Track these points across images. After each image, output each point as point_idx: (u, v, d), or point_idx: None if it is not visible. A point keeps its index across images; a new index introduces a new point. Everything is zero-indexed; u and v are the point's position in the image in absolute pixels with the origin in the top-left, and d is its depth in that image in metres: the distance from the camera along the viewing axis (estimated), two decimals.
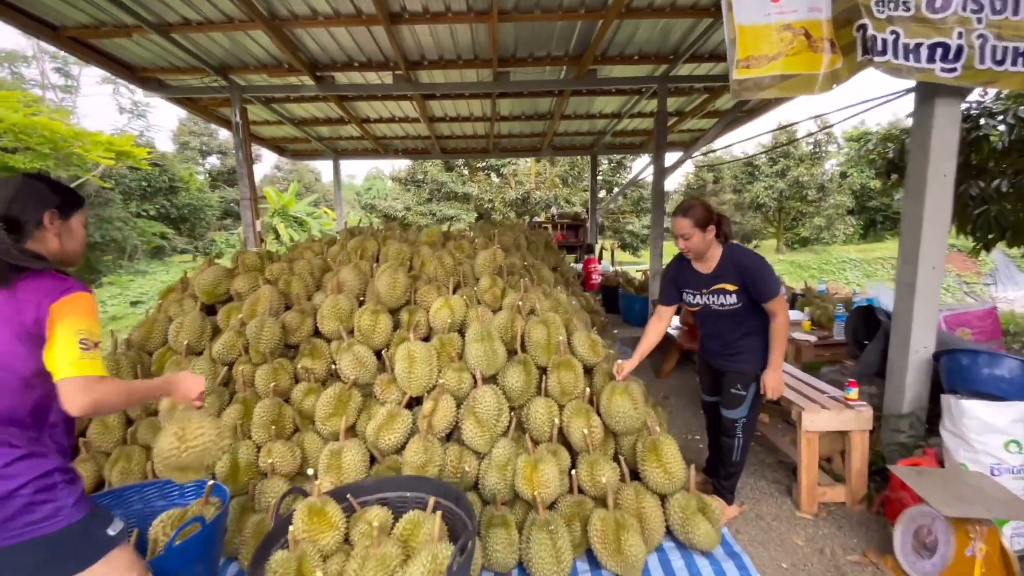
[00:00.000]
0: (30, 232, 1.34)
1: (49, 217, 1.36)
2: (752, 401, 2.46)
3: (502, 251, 3.36)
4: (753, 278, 2.34)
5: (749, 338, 2.45)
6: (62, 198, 1.40)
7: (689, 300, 2.57)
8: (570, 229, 10.54)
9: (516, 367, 2.53)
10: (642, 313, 7.24)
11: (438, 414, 2.38)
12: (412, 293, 2.99)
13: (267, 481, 2.32)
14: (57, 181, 1.43)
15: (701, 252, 2.42)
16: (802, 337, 4.17)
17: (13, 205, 1.32)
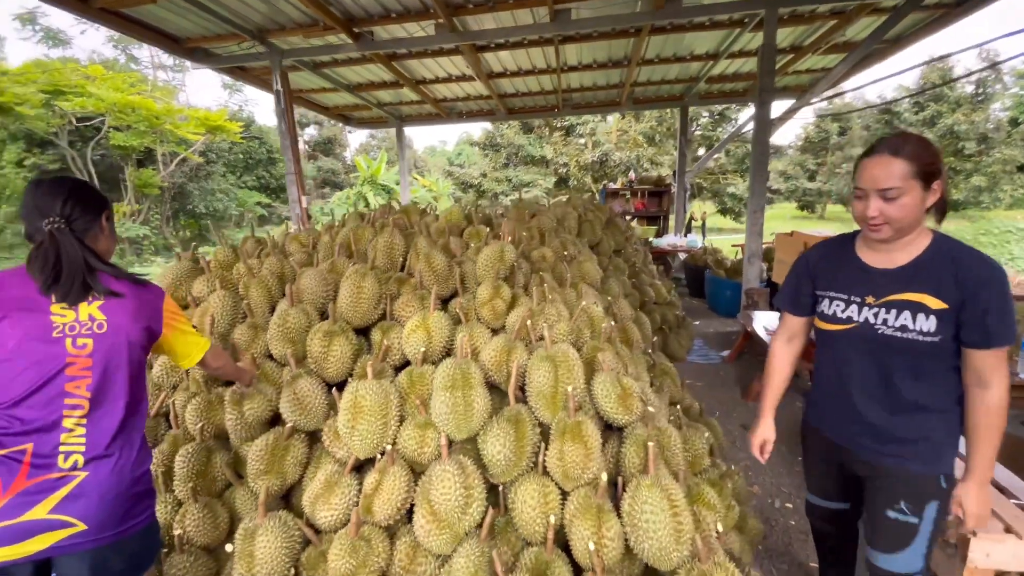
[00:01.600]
0: (89, 234, 1.33)
1: (106, 217, 1.39)
2: (932, 536, 1.46)
3: (514, 245, 2.51)
4: (987, 300, 1.32)
5: (937, 409, 1.43)
6: (105, 199, 1.40)
7: (835, 313, 1.58)
8: (652, 196, 9.19)
9: (503, 427, 1.74)
10: (732, 302, 5.98)
11: (383, 495, 1.68)
12: (388, 305, 2.29)
13: (176, 555, 1.80)
14: (93, 184, 1.45)
15: (905, 227, 1.41)
16: None
17: (76, 207, 1.29)
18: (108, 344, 1.28)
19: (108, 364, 1.28)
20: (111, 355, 1.29)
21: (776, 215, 25.93)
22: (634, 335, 2.77)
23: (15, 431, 1.17)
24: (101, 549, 1.24)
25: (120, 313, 1.31)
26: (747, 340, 4.53)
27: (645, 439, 1.76)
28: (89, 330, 1.26)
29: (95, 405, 1.27)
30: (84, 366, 1.25)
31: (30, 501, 1.16)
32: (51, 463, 1.19)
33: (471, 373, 1.81)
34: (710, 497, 1.85)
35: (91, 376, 1.26)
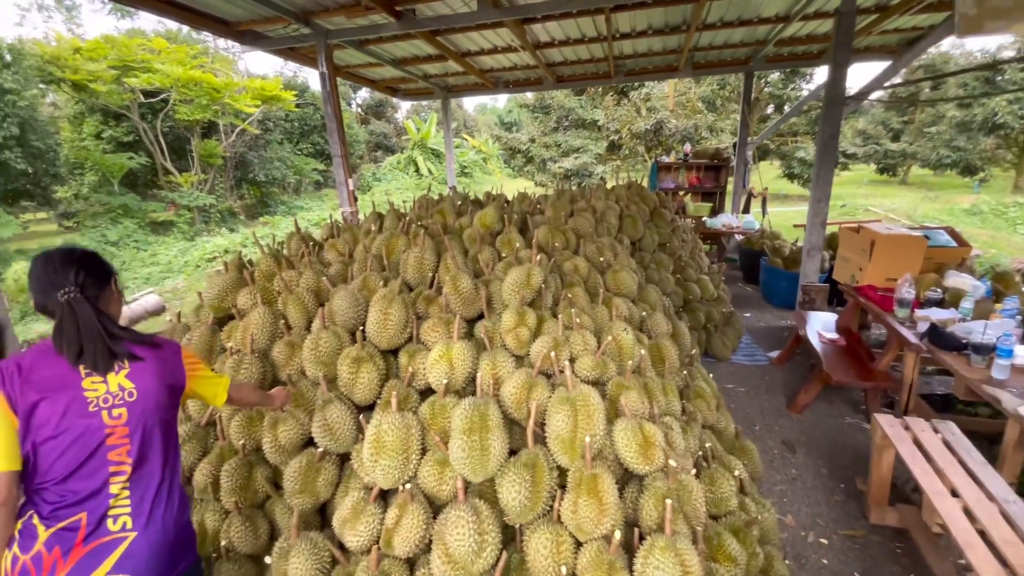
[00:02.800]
0: (101, 300, 1.38)
1: (114, 282, 1.44)
2: None
3: (539, 268, 2.44)
4: None
5: None
6: (110, 266, 1.46)
7: None
8: (708, 171, 8.63)
9: (519, 472, 1.75)
10: (788, 294, 5.63)
11: (402, 532, 1.76)
12: (415, 328, 2.32)
13: (223, 563, 1.99)
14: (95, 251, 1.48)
15: None
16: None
17: (88, 276, 1.34)
18: (140, 410, 1.35)
19: (143, 429, 1.36)
20: (144, 420, 1.36)
21: (850, 180, 23.81)
22: (669, 354, 2.67)
23: (68, 503, 1.28)
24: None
25: (146, 378, 1.37)
26: (798, 342, 4.28)
27: (664, 494, 1.72)
28: (121, 400, 1.33)
29: (136, 468, 1.35)
30: (122, 435, 1.32)
31: (91, 565, 1.26)
32: (103, 528, 1.29)
33: (489, 415, 1.82)
34: (731, 548, 1.81)
35: (129, 443, 1.33)
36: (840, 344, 3.72)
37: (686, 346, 3.21)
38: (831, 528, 2.53)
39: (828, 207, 4.86)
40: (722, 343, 4.50)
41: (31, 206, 13.83)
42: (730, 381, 4.15)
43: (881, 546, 2.40)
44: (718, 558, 1.79)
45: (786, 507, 2.70)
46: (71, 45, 10.88)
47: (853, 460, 3.06)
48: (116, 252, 11.49)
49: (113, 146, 13.89)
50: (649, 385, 2.25)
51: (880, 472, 2.49)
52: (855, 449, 3.16)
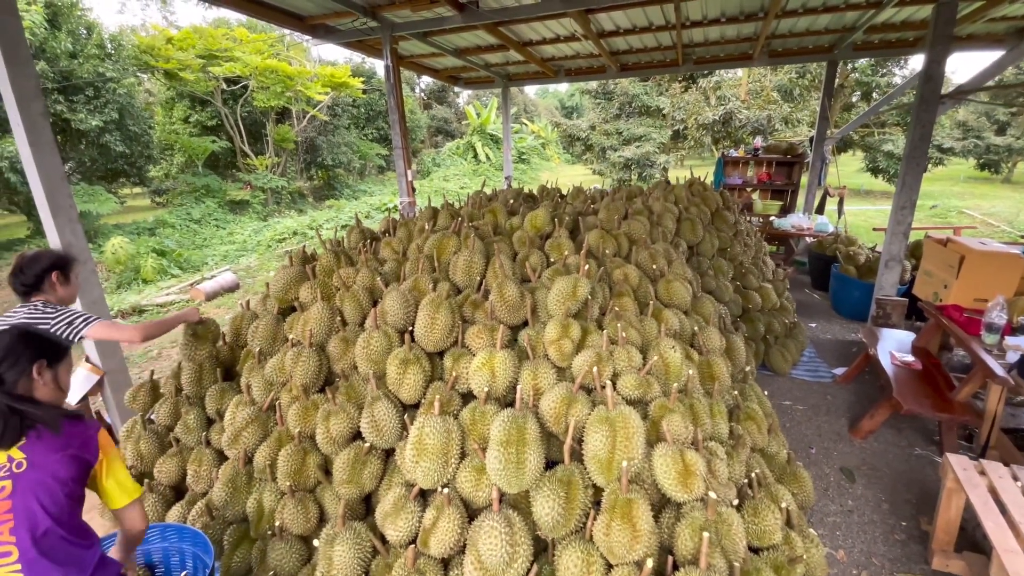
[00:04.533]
0: (19, 385, 1.36)
1: (38, 369, 1.40)
2: None
3: (586, 280, 2.40)
4: None
5: None
6: (52, 350, 1.45)
7: None
8: (780, 167, 8.09)
9: (553, 487, 1.77)
10: (860, 305, 5.24)
11: (438, 533, 1.83)
12: (460, 332, 2.37)
13: (274, 541, 2.16)
14: (38, 332, 1.48)
15: None
16: None
17: (3, 362, 1.34)
18: (28, 483, 1.24)
19: (29, 505, 1.23)
20: (33, 494, 1.24)
21: (945, 176, 21.57)
22: (719, 372, 2.58)
23: None
24: None
25: (41, 450, 1.27)
26: (867, 361, 3.99)
27: (701, 526, 1.68)
28: (8, 472, 1.23)
29: (25, 550, 1.22)
30: (3, 509, 1.21)
31: None
32: None
33: (527, 429, 1.84)
34: None
35: (12, 519, 1.21)
36: (915, 368, 3.43)
37: (740, 362, 3.08)
38: (887, 569, 2.37)
39: (912, 216, 4.45)
40: (782, 356, 4.28)
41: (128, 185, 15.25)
42: (788, 398, 3.94)
43: None
44: None
45: (838, 541, 2.55)
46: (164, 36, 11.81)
47: (919, 496, 2.84)
48: (199, 229, 12.48)
49: (199, 130, 14.99)
50: (695, 407, 2.19)
51: (948, 516, 2.30)
52: (922, 484, 2.93)
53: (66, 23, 9.96)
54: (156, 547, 2.09)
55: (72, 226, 3.01)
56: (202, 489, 2.58)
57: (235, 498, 2.35)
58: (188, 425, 2.72)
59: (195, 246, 11.36)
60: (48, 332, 1.66)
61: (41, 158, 2.84)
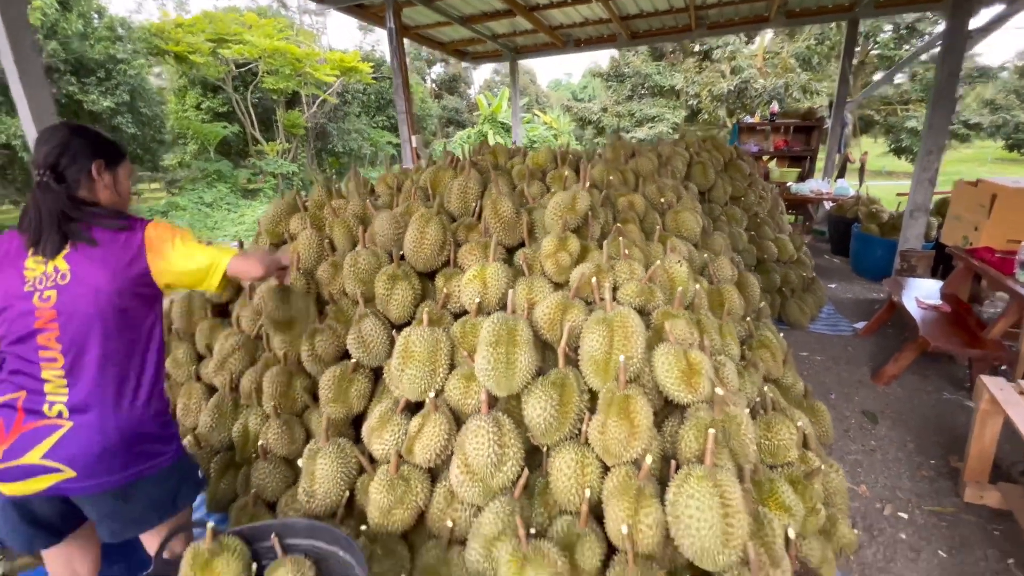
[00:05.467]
0: (81, 184, 1.32)
1: (97, 168, 1.34)
2: None
3: (599, 190, 2.26)
4: None
5: None
6: (107, 149, 1.38)
7: None
8: (798, 133, 7.80)
9: (546, 390, 1.64)
10: (882, 265, 4.99)
11: (423, 439, 1.71)
12: (453, 251, 2.24)
13: (260, 463, 2.06)
14: (101, 132, 1.41)
15: None
16: None
17: (62, 157, 1.29)
18: (72, 295, 1.23)
19: (74, 316, 1.23)
20: (77, 306, 1.23)
21: (972, 157, 20.82)
22: (731, 299, 2.42)
23: (13, 380, 1.26)
24: (99, 496, 1.28)
25: (86, 262, 1.24)
26: (891, 311, 3.77)
27: (707, 425, 1.54)
28: (53, 282, 1.23)
29: (70, 357, 1.25)
30: (49, 319, 1.23)
31: (28, 444, 1.22)
32: (40, 411, 1.23)
33: (518, 330, 1.71)
34: (786, 497, 1.60)
35: (57, 329, 1.23)
36: (944, 310, 3.22)
37: (754, 298, 2.91)
38: (914, 503, 2.19)
39: (940, 162, 4.21)
40: (799, 308, 4.07)
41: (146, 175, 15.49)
42: (805, 350, 3.75)
43: (975, 526, 2.05)
44: (769, 505, 1.59)
45: (859, 478, 2.38)
46: (175, 21, 11.90)
47: (949, 439, 2.65)
48: (210, 212, 12.57)
49: (210, 116, 15.08)
50: (703, 322, 2.04)
51: (982, 444, 2.11)
52: (952, 427, 2.73)
53: (77, 5, 10.05)
54: None
55: None
56: (192, 423, 2.50)
57: (221, 424, 2.27)
58: (177, 360, 2.65)
59: (207, 228, 11.43)
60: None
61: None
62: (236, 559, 1.40)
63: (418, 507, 1.71)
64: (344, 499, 1.84)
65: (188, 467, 1.51)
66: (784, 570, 1.42)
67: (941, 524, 2.07)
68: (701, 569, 1.40)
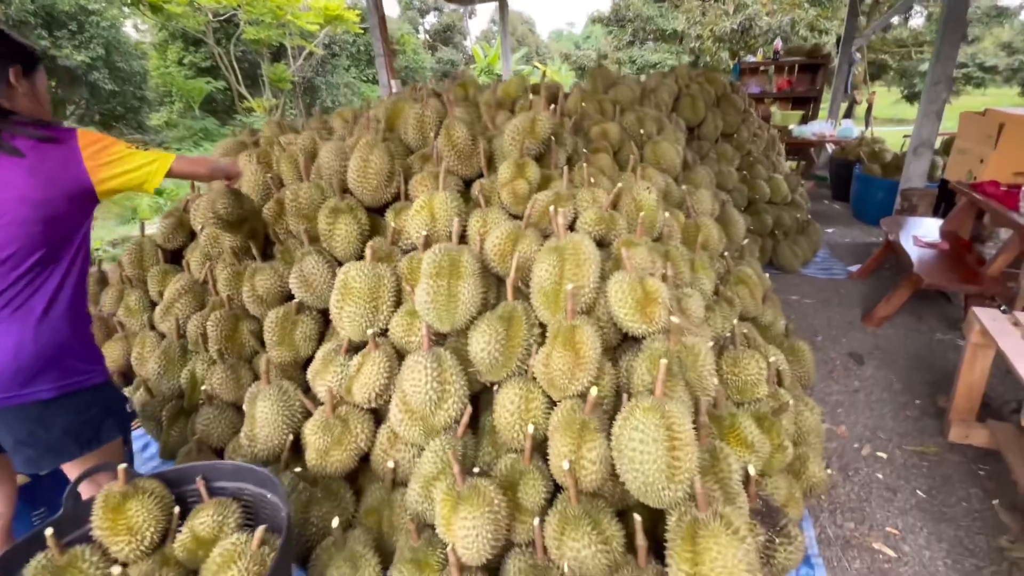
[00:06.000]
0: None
1: (14, 75, 1.25)
2: None
3: (547, 116, 2.05)
4: None
5: None
6: (23, 55, 1.28)
7: None
8: (803, 72, 7.36)
9: (492, 324, 1.50)
10: (883, 208, 4.75)
11: (361, 378, 1.59)
12: (402, 182, 2.07)
13: (204, 408, 1.97)
14: (11, 35, 1.28)
15: None
16: None
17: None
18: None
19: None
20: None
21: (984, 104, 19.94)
22: (708, 234, 2.25)
23: None
24: (11, 412, 1.24)
25: (10, 170, 1.18)
26: (887, 252, 3.58)
27: (661, 355, 1.40)
28: None
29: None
30: None
31: None
32: None
33: (462, 261, 1.56)
34: (748, 433, 1.48)
35: None
36: (942, 247, 3.04)
37: (737, 236, 2.74)
38: (895, 443, 2.09)
39: (948, 93, 3.91)
40: (791, 252, 3.90)
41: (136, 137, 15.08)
42: (796, 293, 3.59)
43: (959, 466, 1.95)
44: (729, 441, 1.47)
45: (839, 418, 2.28)
46: None
47: (938, 377, 2.53)
48: None
49: (194, 72, 14.48)
50: (671, 253, 1.88)
51: (970, 380, 1.99)
52: (942, 367, 2.61)
53: None
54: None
55: None
56: (146, 372, 2.41)
57: (169, 371, 2.17)
58: (129, 307, 2.53)
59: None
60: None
61: None
62: (152, 501, 1.32)
63: (359, 448, 1.62)
64: (288, 443, 1.74)
65: (114, 397, 1.46)
66: (739, 506, 1.32)
67: (922, 464, 1.98)
68: (652, 508, 1.30)
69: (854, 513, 1.77)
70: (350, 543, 1.44)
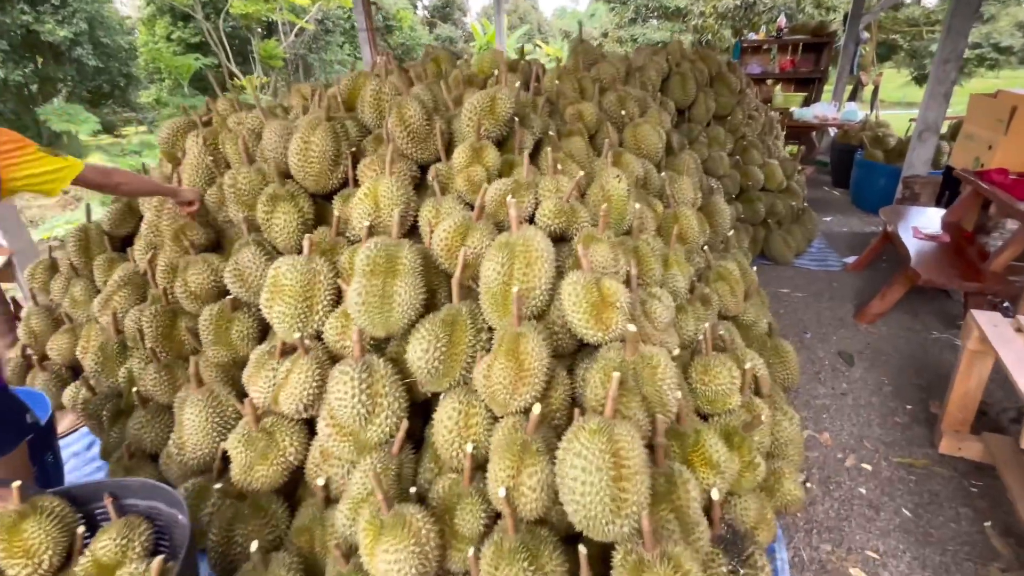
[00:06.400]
0: None
1: None
2: None
3: (509, 92, 1.86)
4: None
5: None
6: None
7: None
8: (808, 52, 7.05)
9: (431, 330, 1.34)
10: (885, 195, 4.55)
11: (288, 387, 1.44)
12: (352, 169, 1.89)
13: (137, 411, 1.83)
14: None
15: None
16: None
17: None
18: None
19: None
20: None
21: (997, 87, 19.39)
22: (687, 225, 2.07)
23: None
24: None
25: None
26: (885, 243, 3.40)
27: (615, 367, 1.25)
28: None
29: None
30: None
31: None
32: None
33: (400, 257, 1.40)
34: (714, 452, 1.33)
35: None
36: (942, 240, 2.86)
37: (722, 226, 2.56)
38: (881, 454, 1.95)
39: (958, 73, 3.68)
40: (784, 243, 3.72)
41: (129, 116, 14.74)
42: (787, 286, 3.43)
43: (949, 481, 1.81)
44: (693, 462, 1.33)
45: (823, 424, 2.13)
46: None
47: (932, 380, 2.38)
48: None
49: (183, 48, 14.09)
50: (641, 249, 1.71)
51: (966, 388, 1.83)
52: (937, 369, 2.46)
53: None
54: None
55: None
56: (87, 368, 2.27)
57: (106, 368, 2.03)
58: (74, 298, 2.38)
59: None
60: None
61: None
62: (50, 522, 1.20)
63: (288, 463, 1.47)
64: (219, 451, 1.60)
65: (8, 405, 1.37)
66: (698, 538, 1.18)
67: (909, 478, 1.83)
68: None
69: (832, 534, 1.63)
70: (273, 567, 1.31)
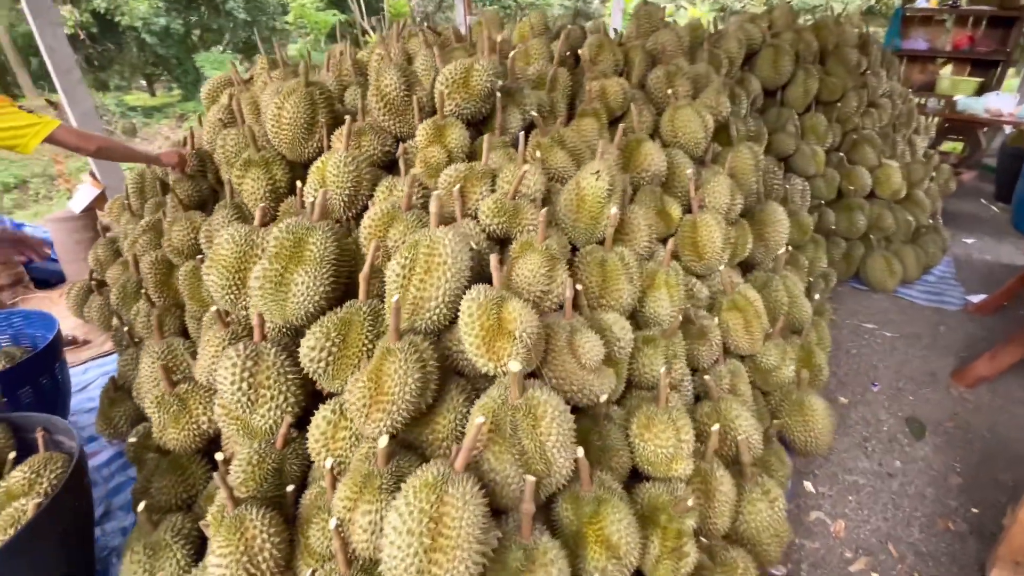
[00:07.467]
0: None
1: None
2: None
3: (488, 63, 1.61)
4: None
5: None
6: None
7: None
8: (992, 27, 5.50)
9: (324, 326, 1.23)
10: None
11: (204, 357, 1.45)
12: (325, 136, 1.80)
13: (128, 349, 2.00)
14: None
15: None
16: None
17: None
18: None
19: None
20: None
21: None
22: (707, 238, 1.71)
23: None
24: None
25: None
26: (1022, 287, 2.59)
27: (490, 409, 1.04)
28: None
29: None
30: None
31: None
32: None
33: (308, 243, 1.29)
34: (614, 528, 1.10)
35: None
36: None
37: (775, 241, 2.09)
38: (906, 568, 1.50)
39: None
40: (886, 265, 3.00)
41: None
42: (875, 321, 2.78)
43: None
44: (585, 535, 1.09)
45: (845, 508, 1.70)
46: None
47: (1020, 480, 1.78)
48: None
49: (324, 3, 15.15)
50: (608, 264, 1.42)
51: None
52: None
53: None
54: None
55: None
56: None
57: (124, 303, 2.24)
58: (126, 234, 2.65)
59: None
60: None
61: None
62: None
63: (200, 430, 1.49)
64: None
65: None
66: None
67: None
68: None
69: None
70: (160, 530, 1.34)
